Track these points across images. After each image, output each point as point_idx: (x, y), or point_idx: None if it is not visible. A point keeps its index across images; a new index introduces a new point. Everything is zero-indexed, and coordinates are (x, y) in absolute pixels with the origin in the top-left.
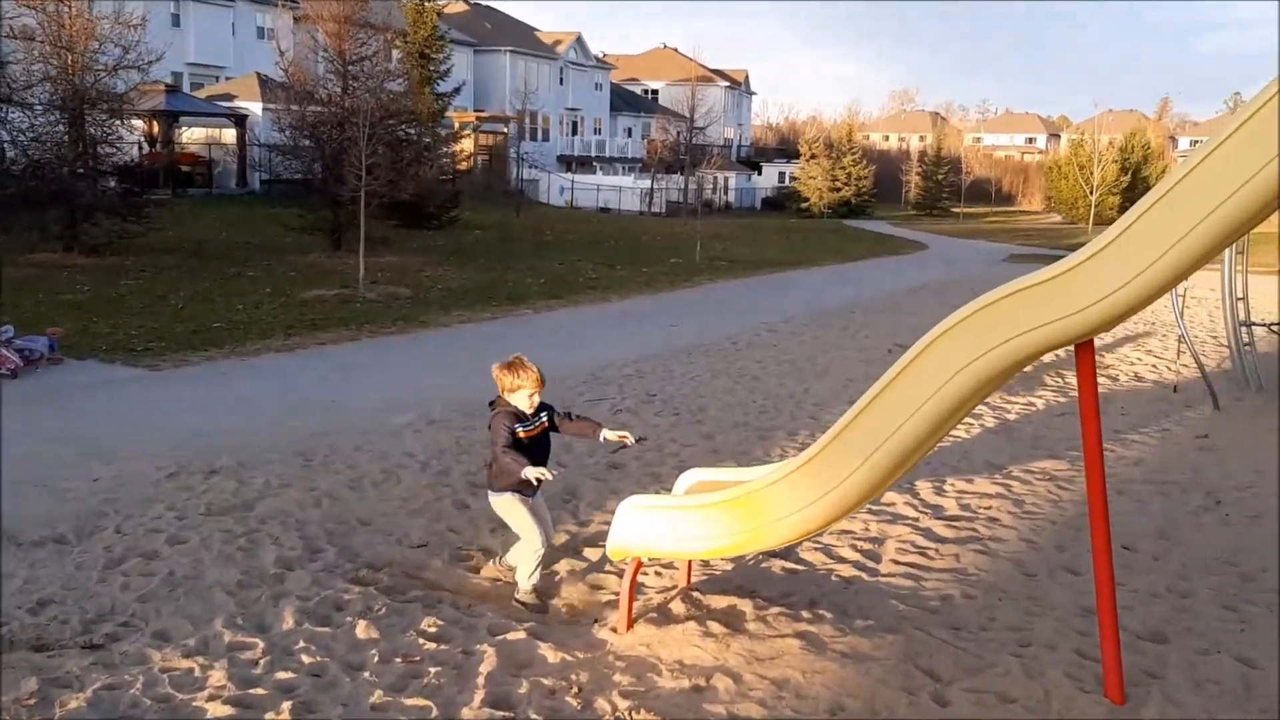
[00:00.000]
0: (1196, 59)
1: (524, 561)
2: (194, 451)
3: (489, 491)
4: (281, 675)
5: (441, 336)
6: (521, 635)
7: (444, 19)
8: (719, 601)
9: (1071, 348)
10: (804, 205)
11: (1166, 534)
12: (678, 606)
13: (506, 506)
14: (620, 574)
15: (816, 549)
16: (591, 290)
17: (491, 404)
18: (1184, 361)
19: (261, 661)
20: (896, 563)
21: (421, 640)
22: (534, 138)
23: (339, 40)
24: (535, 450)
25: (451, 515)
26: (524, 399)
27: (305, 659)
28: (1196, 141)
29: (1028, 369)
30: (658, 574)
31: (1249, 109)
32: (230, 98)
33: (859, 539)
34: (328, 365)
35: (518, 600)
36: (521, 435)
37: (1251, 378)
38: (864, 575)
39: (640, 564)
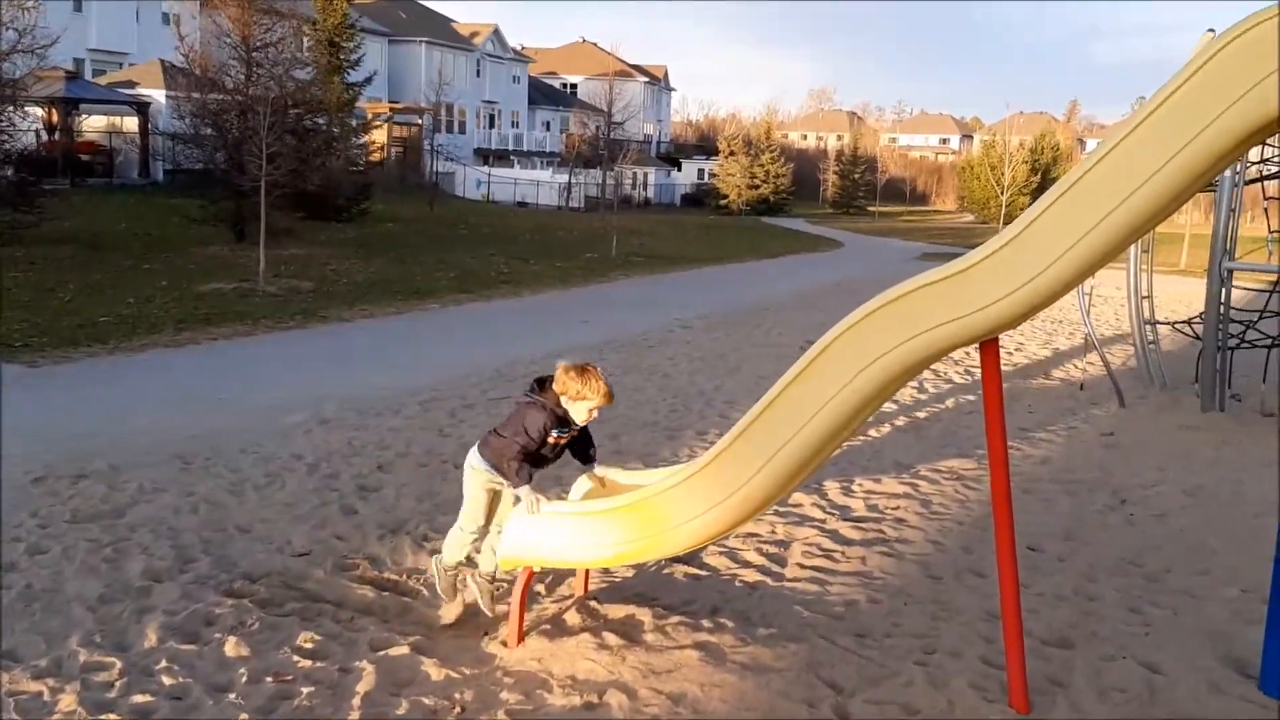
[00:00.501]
0: (1104, 63)
1: (452, 540)
2: (65, 454)
3: (474, 451)
4: (138, 698)
5: (342, 331)
6: (405, 651)
7: (356, 7)
8: (617, 611)
9: (977, 346)
10: (723, 202)
11: (1073, 534)
12: (573, 617)
13: (476, 479)
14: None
15: (721, 553)
16: (503, 285)
17: (535, 388)
18: (1090, 359)
19: (118, 683)
20: (802, 566)
21: (296, 657)
22: (450, 130)
23: (243, 26)
24: (549, 458)
25: (338, 521)
26: (583, 412)
27: (166, 680)
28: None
29: (938, 364)
30: (555, 582)
31: (1150, 106)
32: (133, 85)
33: (765, 542)
34: (218, 362)
35: (429, 579)
36: (551, 440)
37: (1156, 375)
38: (769, 580)
39: (532, 573)
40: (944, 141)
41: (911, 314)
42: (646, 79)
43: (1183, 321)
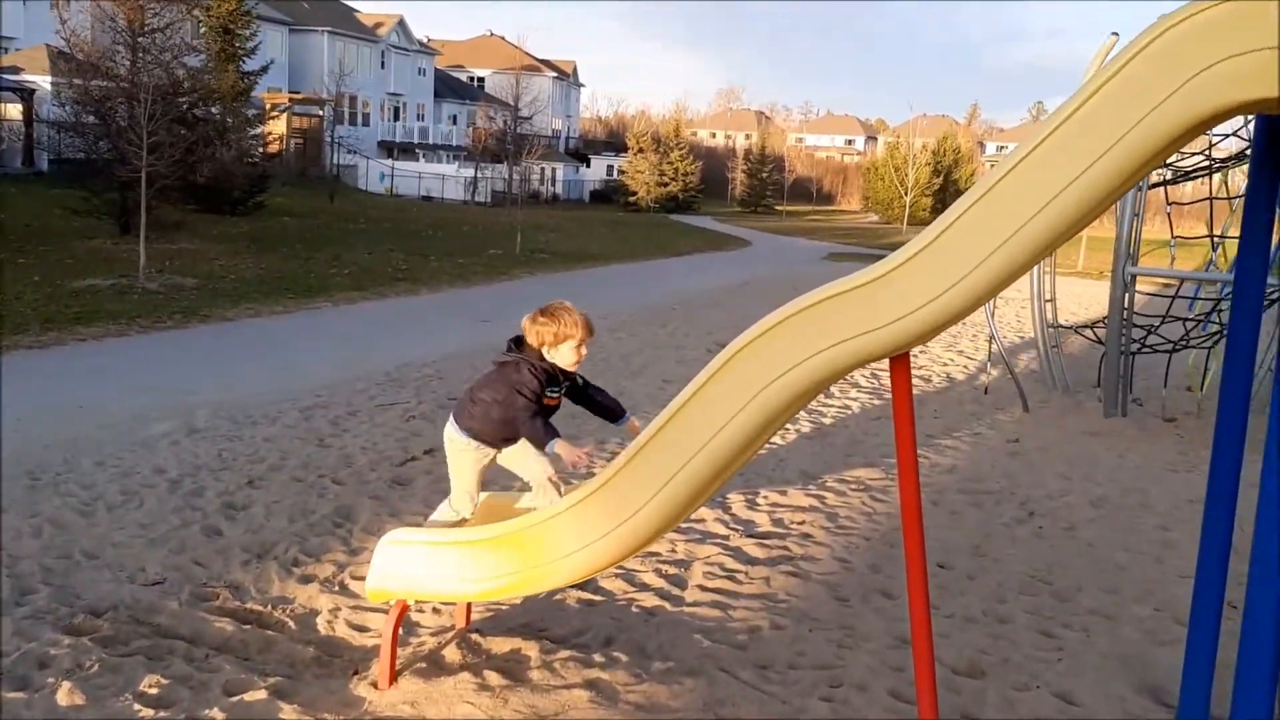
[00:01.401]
0: (1003, 68)
1: (441, 519)
2: None
3: (451, 424)
4: None
5: (223, 331)
6: (262, 695)
7: None
8: (501, 644)
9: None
10: (631, 199)
11: (982, 549)
12: (452, 653)
13: (461, 454)
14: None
15: (617, 575)
16: (400, 282)
17: (513, 347)
18: (994, 362)
19: None
20: (703, 589)
21: (138, 706)
22: (353, 122)
23: (130, 10)
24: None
25: (199, 545)
26: (569, 353)
27: None
28: (1003, 147)
29: None
30: (435, 611)
31: (1069, 107)
32: (18, 71)
33: (664, 562)
34: (85, 364)
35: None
36: (547, 401)
37: (1058, 379)
38: (667, 605)
39: (405, 607)
40: (849, 142)
41: (818, 327)
42: (555, 74)
43: (1086, 326)
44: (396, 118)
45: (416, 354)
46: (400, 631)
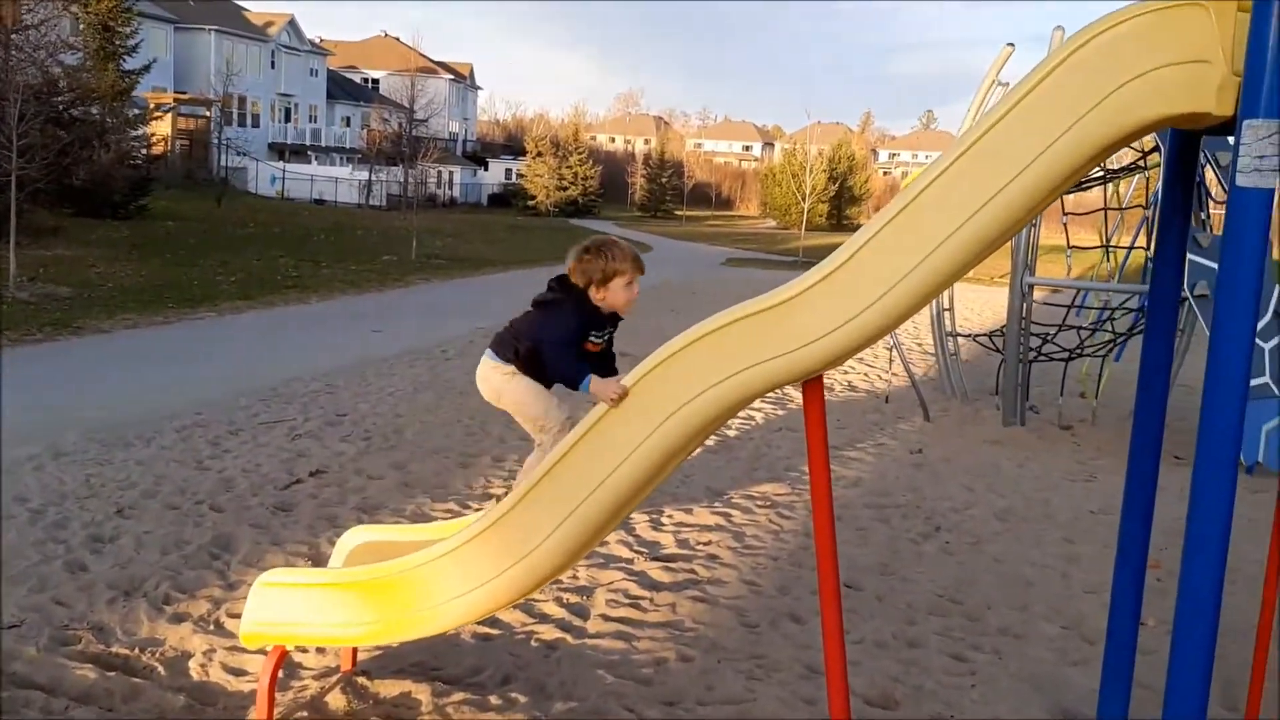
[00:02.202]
0: (895, 77)
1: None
2: None
3: (490, 356)
4: None
5: (98, 345)
6: None
7: None
8: (390, 687)
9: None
10: (530, 203)
11: (890, 568)
12: (336, 699)
13: (511, 378)
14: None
15: (516, 606)
16: (289, 290)
17: (557, 286)
18: (895, 370)
19: None
20: (607, 618)
21: None
22: (242, 123)
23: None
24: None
25: (61, 582)
26: (621, 292)
27: None
28: (895, 154)
29: None
30: (319, 651)
31: (985, 122)
32: None
33: (565, 589)
34: None
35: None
36: (590, 346)
37: (957, 386)
38: (569, 638)
39: (283, 652)
40: (747, 148)
41: (727, 351)
42: (452, 76)
43: (984, 334)
44: (288, 119)
45: (305, 367)
46: (280, 675)
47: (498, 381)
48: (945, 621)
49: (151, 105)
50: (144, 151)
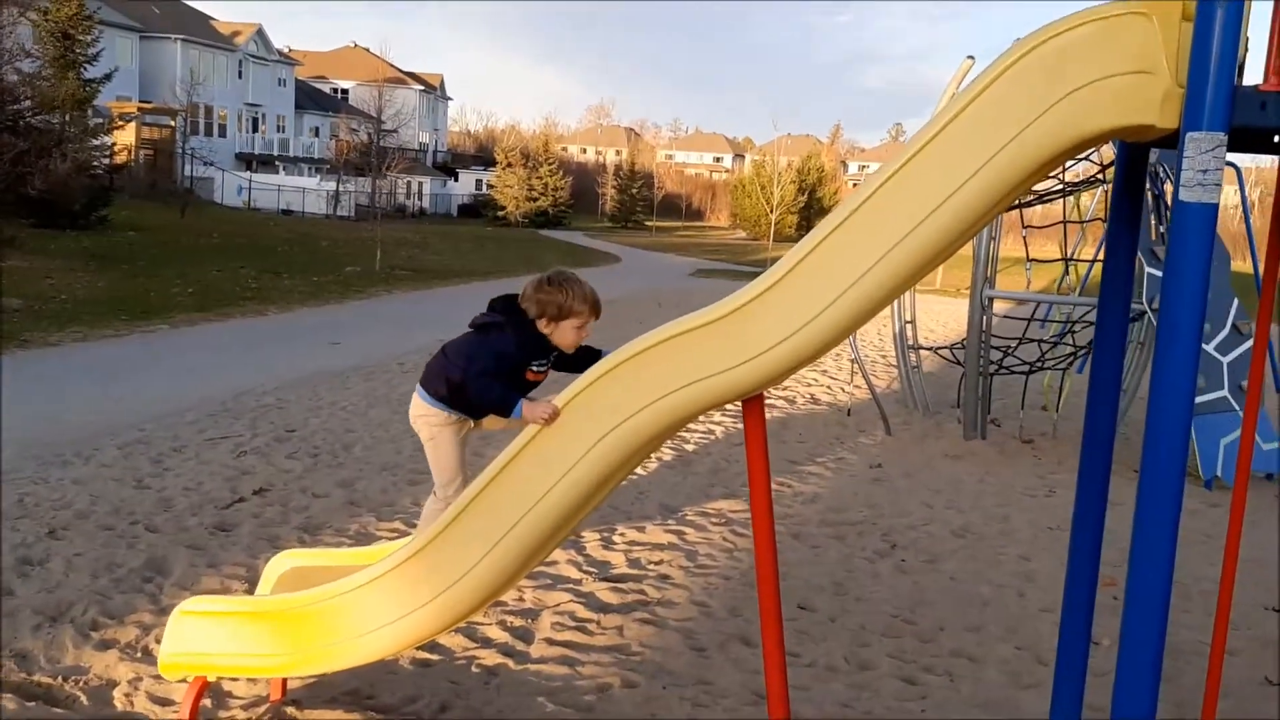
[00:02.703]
0: (864, 89)
1: (429, 515)
2: None
3: (420, 394)
4: None
5: (43, 359)
6: None
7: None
8: (321, 717)
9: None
10: (500, 213)
11: (844, 587)
12: None
13: (436, 428)
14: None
15: (457, 630)
16: (248, 301)
17: (500, 307)
18: (856, 383)
19: None
20: (551, 642)
21: None
22: (209, 133)
23: None
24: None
25: None
26: (570, 332)
27: None
28: (864, 166)
29: None
30: (251, 679)
31: (929, 132)
32: None
33: (510, 612)
34: None
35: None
36: (530, 376)
37: (919, 399)
38: (511, 663)
39: (204, 683)
40: (718, 160)
41: (661, 369)
42: (422, 87)
43: (945, 347)
44: (255, 129)
45: (257, 381)
46: (208, 704)
47: (423, 430)
48: (898, 643)
49: (114, 114)
50: (105, 161)
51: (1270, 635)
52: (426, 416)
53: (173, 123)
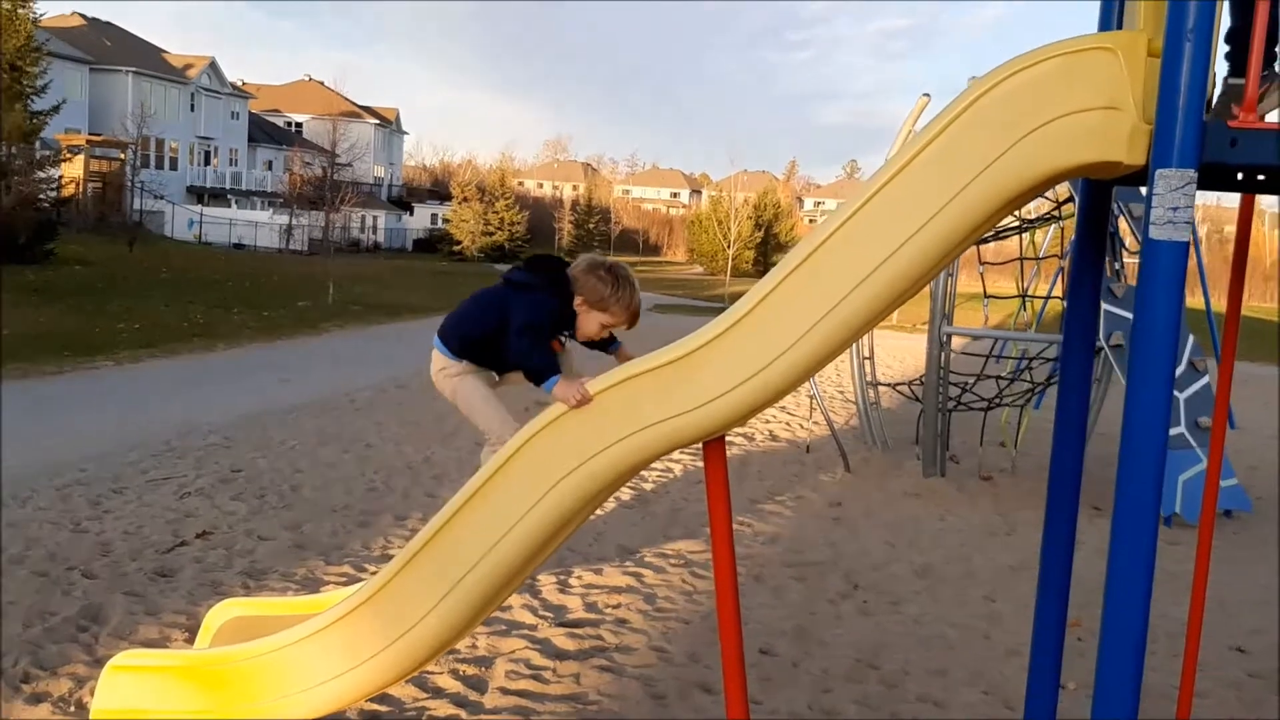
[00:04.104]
0: (820, 126)
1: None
2: None
3: (438, 348)
4: None
5: None
6: None
7: (52, 31)
8: None
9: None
10: (456, 248)
11: (806, 630)
12: None
13: (458, 378)
14: None
15: (408, 680)
16: (196, 338)
17: (533, 269)
18: (816, 420)
19: None
20: (505, 691)
21: None
22: (160, 166)
23: None
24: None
25: None
26: (592, 324)
27: None
28: (820, 203)
29: None
30: None
31: (889, 169)
32: None
33: (462, 660)
34: None
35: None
36: (554, 345)
37: (878, 436)
38: (464, 713)
39: None
40: (675, 195)
41: (621, 411)
42: (377, 121)
43: (903, 384)
44: (207, 162)
45: (203, 419)
46: None
47: (446, 385)
48: (863, 689)
49: (63, 147)
50: (53, 194)
51: (1237, 676)
52: (446, 369)
53: (122, 155)
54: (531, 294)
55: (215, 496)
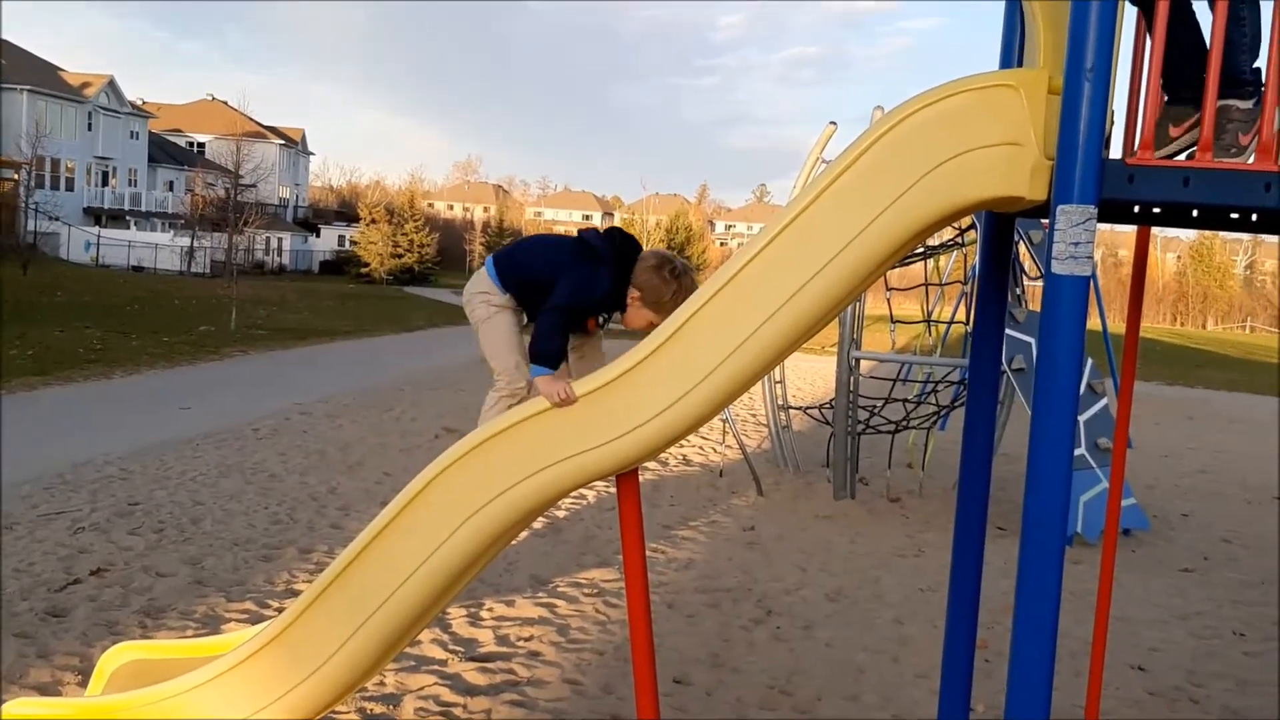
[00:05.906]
0: (731, 151)
1: (490, 407)
2: None
3: (489, 271)
4: None
5: None
6: None
7: None
8: None
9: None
10: (364, 270)
11: (720, 658)
12: None
13: (490, 305)
14: None
15: None
16: (92, 364)
17: (602, 239)
18: (728, 443)
19: None
20: None
21: None
22: (55, 187)
23: None
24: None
25: None
26: (640, 320)
27: None
28: (730, 225)
29: None
30: None
31: (800, 202)
32: None
33: (370, 698)
34: None
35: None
36: (590, 324)
37: (790, 459)
38: None
39: None
40: (587, 218)
41: (534, 444)
42: (282, 141)
43: (814, 407)
44: (105, 183)
45: (99, 449)
46: None
47: (479, 310)
48: (776, 716)
49: None
50: None
51: (1138, 695)
52: (489, 296)
53: (16, 176)
54: (590, 269)
55: (111, 531)
